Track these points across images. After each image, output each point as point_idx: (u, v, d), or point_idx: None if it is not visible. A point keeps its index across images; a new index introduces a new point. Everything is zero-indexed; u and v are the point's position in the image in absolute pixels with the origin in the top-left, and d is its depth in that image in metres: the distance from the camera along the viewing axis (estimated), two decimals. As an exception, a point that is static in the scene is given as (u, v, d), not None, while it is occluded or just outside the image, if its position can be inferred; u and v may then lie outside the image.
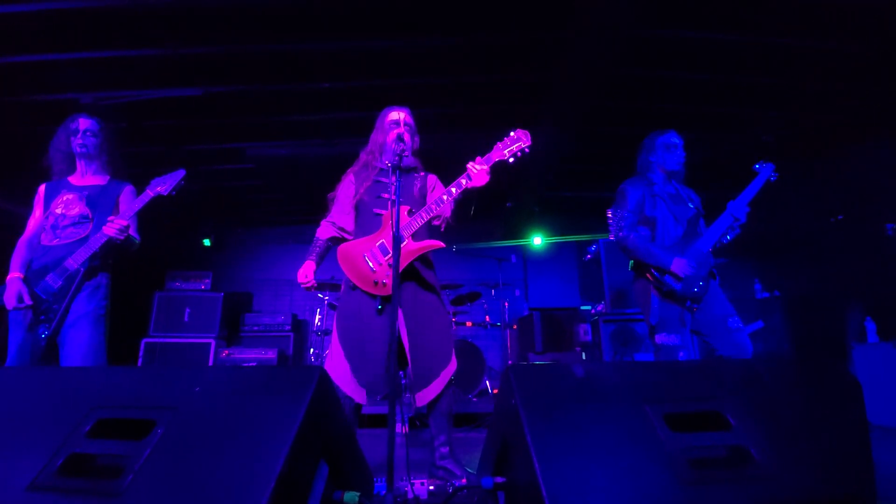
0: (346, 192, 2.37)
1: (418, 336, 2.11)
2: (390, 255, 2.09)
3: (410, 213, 2.17)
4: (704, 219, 2.62)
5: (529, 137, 2.16)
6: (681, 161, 2.65)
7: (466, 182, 2.11)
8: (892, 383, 3.53)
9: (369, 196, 2.27)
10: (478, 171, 2.10)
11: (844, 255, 4.50)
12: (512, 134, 2.18)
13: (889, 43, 3.18)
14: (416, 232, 2.14)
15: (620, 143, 4.79)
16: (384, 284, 2.08)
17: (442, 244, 2.17)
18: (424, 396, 2.08)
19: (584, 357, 4.95)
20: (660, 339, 2.42)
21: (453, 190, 2.13)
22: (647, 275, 2.48)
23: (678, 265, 2.39)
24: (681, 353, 2.38)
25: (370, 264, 2.10)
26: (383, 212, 2.20)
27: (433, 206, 2.13)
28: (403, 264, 2.09)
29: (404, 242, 2.10)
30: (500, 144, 2.18)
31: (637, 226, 2.57)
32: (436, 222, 2.30)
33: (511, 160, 2.17)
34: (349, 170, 2.44)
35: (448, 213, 2.24)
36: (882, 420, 3.48)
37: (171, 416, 0.94)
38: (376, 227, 2.19)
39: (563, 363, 1.14)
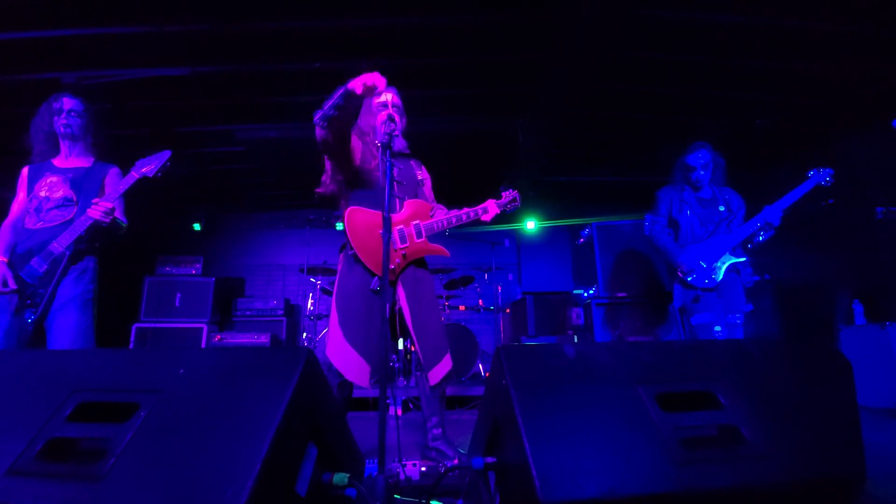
0: (354, 142, 2.31)
1: (421, 315, 2.16)
2: (407, 245, 2.19)
3: (431, 213, 2.31)
4: (737, 220, 2.94)
5: (519, 199, 2.51)
6: (701, 178, 2.96)
7: (482, 214, 2.37)
8: (879, 365, 3.58)
9: (379, 173, 2.25)
10: (492, 210, 2.39)
11: (834, 239, 4.52)
12: (511, 191, 2.50)
13: (882, 27, 3.15)
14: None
15: (615, 127, 4.76)
16: (392, 271, 2.12)
17: (447, 253, 2.32)
18: (437, 373, 2.13)
19: (576, 340, 4.98)
20: (694, 320, 2.78)
21: (472, 214, 2.33)
22: (674, 269, 2.91)
23: (684, 260, 2.80)
24: (714, 330, 2.73)
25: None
26: (402, 196, 2.26)
27: (454, 221, 2.29)
28: (414, 258, 2.23)
29: (422, 239, 2.23)
30: (505, 195, 2.47)
31: (667, 227, 3.02)
32: None
33: (508, 211, 2.50)
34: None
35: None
36: (869, 401, 3.54)
37: (155, 398, 0.92)
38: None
39: (555, 344, 1.13)
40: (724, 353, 1.14)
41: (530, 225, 6.12)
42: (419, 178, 2.43)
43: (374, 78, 1.91)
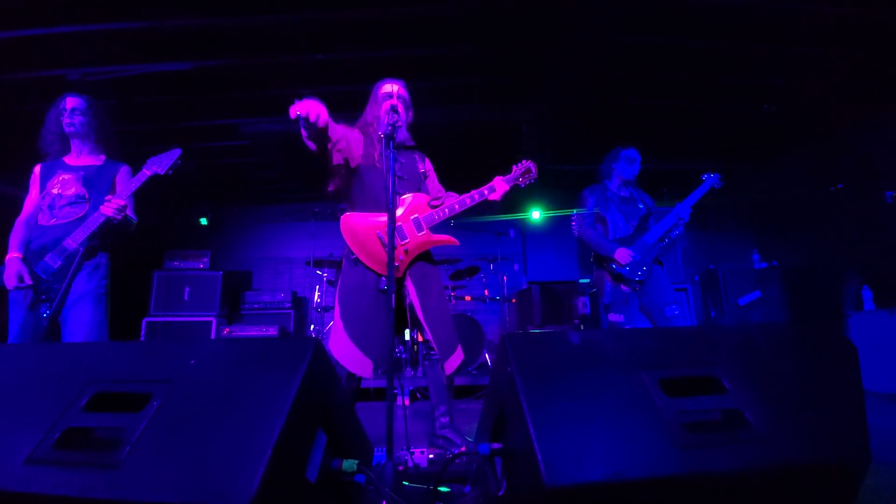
0: (356, 138, 2.25)
1: (432, 309, 2.18)
2: (408, 240, 2.17)
3: (432, 204, 2.26)
4: (655, 216, 3.12)
5: (536, 169, 2.45)
6: (635, 174, 3.16)
7: (489, 194, 2.29)
8: (888, 350, 3.56)
9: (382, 164, 2.20)
10: (501, 188, 2.31)
11: (843, 224, 4.49)
12: (524, 162, 2.43)
13: (895, 13, 3.09)
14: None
15: (620, 115, 4.72)
16: (396, 268, 2.10)
17: (456, 242, 2.28)
18: (451, 364, 2.16)
19: (582, 329, 4.99)
20: (611, 317, 2.99)
21: (476, 196, 2.27)
22: (603, 263, 3.04)
23: (620, 254, 2.92)
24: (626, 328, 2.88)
25: (385, 246, 2.10)
26: (401, 191, 2.24)
27: (457, 207, 2.24)
28: (419, 251, 2.20)
29: (423, 232, 2.20)
30: (516, 168, 2.40)
31: (595, 224, 3.13)
32: None
33: (522, 185, 2.44)
34: (356, 125, 2.34)
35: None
36: (877, 386, 3.53)
37: (167, 388, 0.94)
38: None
39: (560, 332, 1.14)
40: (728, 338, 1.14)
41: (535, 214, 6.10)
42: (421, 170, 2.40)
43: (309, 106, 1.73)
